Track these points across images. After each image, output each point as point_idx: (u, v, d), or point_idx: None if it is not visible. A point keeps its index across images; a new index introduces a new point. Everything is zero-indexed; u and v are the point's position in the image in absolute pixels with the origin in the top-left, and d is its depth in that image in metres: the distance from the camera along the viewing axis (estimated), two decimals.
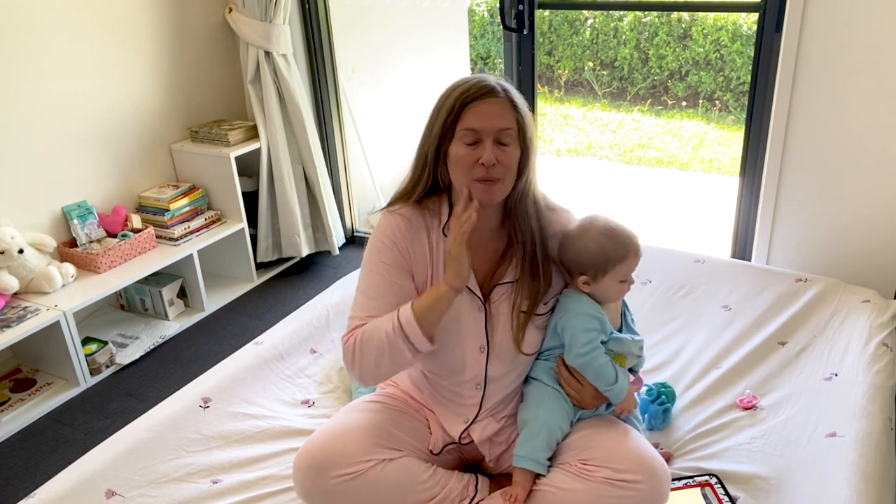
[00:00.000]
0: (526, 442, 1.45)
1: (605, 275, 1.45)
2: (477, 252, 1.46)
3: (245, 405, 1.85)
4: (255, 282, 3.21)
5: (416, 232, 1.44)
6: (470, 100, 1.33)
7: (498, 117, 1.33)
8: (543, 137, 5.93)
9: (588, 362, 1.44)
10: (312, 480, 1.37)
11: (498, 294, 1.46)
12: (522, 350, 1.46)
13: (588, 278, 1.45)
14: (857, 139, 2.29)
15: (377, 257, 1.44)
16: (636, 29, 6.17)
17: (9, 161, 2.51)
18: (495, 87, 1.35)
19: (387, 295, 1.41)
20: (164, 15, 2.92)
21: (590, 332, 1.44)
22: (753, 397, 1.79)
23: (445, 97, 1.37)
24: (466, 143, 1.34)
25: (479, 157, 1.32)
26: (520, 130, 1.36)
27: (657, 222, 4.23)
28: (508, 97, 1.36)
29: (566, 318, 1.46)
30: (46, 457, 2.21)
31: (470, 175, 1.35)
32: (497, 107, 1.34)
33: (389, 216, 1.45)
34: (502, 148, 1.34)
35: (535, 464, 1.43)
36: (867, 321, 2.00)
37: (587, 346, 1.44)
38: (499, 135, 1.33)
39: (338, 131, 3.44)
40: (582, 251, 1.44)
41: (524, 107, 1.39)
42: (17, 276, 2.48)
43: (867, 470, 1.50)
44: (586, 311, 1.45)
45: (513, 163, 1.36)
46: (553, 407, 1.47)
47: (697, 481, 1.54)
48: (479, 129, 1.33)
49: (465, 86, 1.35)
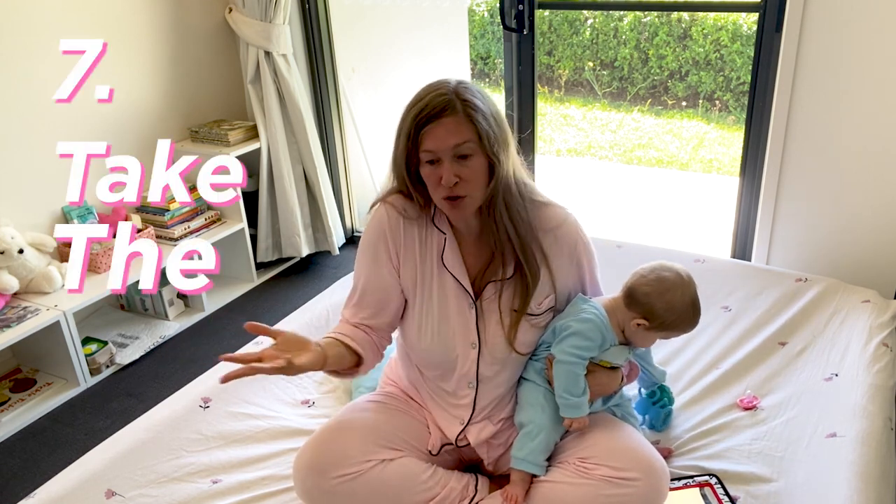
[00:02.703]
0: (524, 444, 1.45)
1: (660, 331, 1.46)
2: (468, 249, 1.46)
3: (245, 405, 1.85)
4: (255, 282, 3.21)
5: (408, 220, 1.45)
6: (423, 122, 1.30)
7: (452, 136, 1.29)
8: (543, 137, 5.93)
9: (567, 367, 1.42)
10: (313, 481, 1.37)
11: (489, 291, 1.45)
12: (516, 348, 1.45)
13: (647, 325, 1.44)
14: (857, 139, 2.29)
15: (363, 253, 1.49)
16: (636, 29, 6.17)
17: (9, 161, 2.51)
18: (448, 103, 1.29)
19: (372, 292, 1.48)
20: (164, 15, 2.92)
21: (586, 347, 1.42)
22: (754, 397, 1.79)
23: (403, 119, 1.36)
24: (428, 164, 1.33)
25: (441, 176, 1.31)
26: (480, 139, 1.31)
27: (657, 222, 4.24)
28: (465, 109, 1.30)
29: (569, 319, 1.45)
30: (46, 457, 2.21)
31: (437, 193, 1.35)
32: (451, 125, 1.29)
33: (381, 208, 1.47)
34: (463, 163, 1.31)
35: (534, 465, 1.43)
36: (867, 321, 2.00)
37: (574, 355, 1.42)
38: (456, 150, 1.30)
39: (338, 131, 3.44)
40: (668, 306, 1.43)
41: (486, 112, 1.32)
42: (17, 276, 2.48)
43: (867, 470, 1.50)
44: (595, 323, 1.43)
45: (476, 177, 1.33)
46: (549, 407, 1.46)
47: (697, 481, 1.54)
48: (435, 150, 1.31)
49: (418, 107, 1.32)
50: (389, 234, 1.45)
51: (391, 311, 1.49)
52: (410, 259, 1.46)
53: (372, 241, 1.47)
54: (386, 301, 1.48)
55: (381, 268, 1.47)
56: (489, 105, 1.35)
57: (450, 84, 1.33)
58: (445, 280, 1.45)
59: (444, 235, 1.45)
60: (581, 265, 1.49)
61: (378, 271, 1.47)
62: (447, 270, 1.45)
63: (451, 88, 1.31)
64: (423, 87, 1.36)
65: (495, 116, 1.35)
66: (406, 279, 1.47)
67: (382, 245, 1.46)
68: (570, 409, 1.42)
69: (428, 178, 1.35)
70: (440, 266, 1.45)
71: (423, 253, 1.46)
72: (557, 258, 1.45)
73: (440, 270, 1.45)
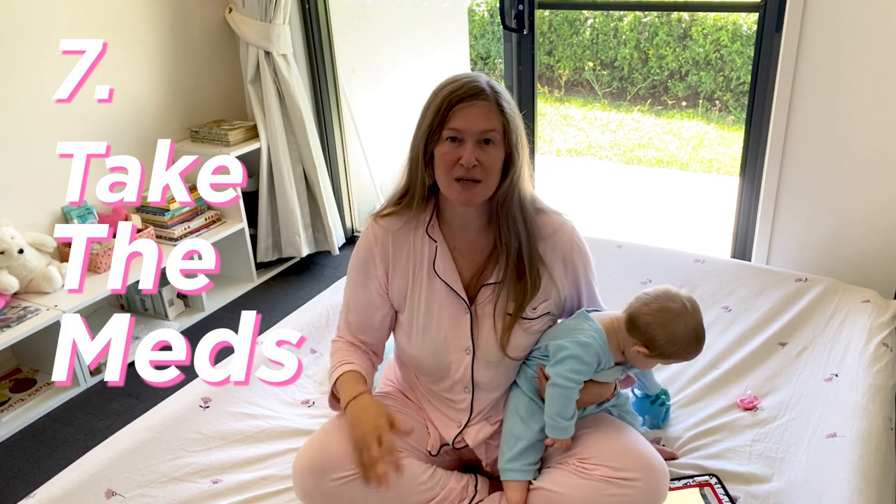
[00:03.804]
0: (504, 453, 1.45)
1: (661, 358, 1.43)
2: (463, 252, 1.46)
3: (245, 405, 1.85)
4: (255, 282, 3.21)
5: (399, 236, 1.47)
6: (457, 101, 1.32)
7: (482, 119, 1.32)
8: (543, 137, 5.93)
9: (561, 391, 1.40)
10: (312, 482, 1.37)
11: (484, 295, 1.45)
12: (508, 353, 1.45)
13: (648, 352, 1.41)
14: (857, 139, 2.29)
15: (354, 270, 1.52)
16: (636, 29, 6.17)
17: (9, 161, 2.51)
18: (484, 89, 1.34)
19: (362, 307, 1.51)
20: (164, 15, 2.92)
21: (577, 374, 1.40)
22: (754, 398, 1.79)
23: (434, 95, 1.37)
24: (450, 142, 1.34)
25: (460, 156, 1.32)
26: (505, 133, 1.35)
27: (657, 222, 4.23)
28: (497, 99, 1.34)
29: (569, 339, 1.42)
30: (46, 457, 2.21)
31: (450, 174, 1.35)
32: (483, 109, 1.33)
33: (372, 226, 1.49)
34: (485, 148, 1.33)
35: (518, 473, 1.43)
36: (867, 321, 2.00)
37: (570, 379, 1.39)
38: (482, 136, 1.33)
39: (338, 131, 3.44)
40: (671, 337, 1.39)
41: (513, 110, 1.37)
42: (17, 276, 2.48)
43: (867, 470, 1.50)
44: (593, 348, 1.41)
45: (494, 164, 1.35)
46: (529, 419, 1.45)
47: (697, 481, 1.54)
48: (462, 130, 1.32)
49: (453, 86, 1.34)
50: (377, 250, 1.47)
51: (376, 326, 1.53)
52: (401, 270, 1.47)
53: (361, 258, 1.50)
54: (371, 316, 1.51)
55: (369, 285, 1.49)
56: (515, 106, 1.39)
57: (482, 77, 1.37)
58: (437, 287, 1.46)
59: (436, 244, 1.45)
60: (576, 272, 1.49)
61: (365, 289, 1.50)
62: (439, 278, 1.45)
63: (485, 80, 1.36)
64: (453, 75, 1.39)
65: (519, 118, 1.39)
66: (397, 291, 1.48)
67: (371, 262, 1.48)
68: (557, 430, 1.41)
69: (445, 156, 1.34)
70: (431, 274, 1.46)
71: (414, 263, 1.47)
72: (553, 264, 1.46)
73: (431, 278, 1.46)
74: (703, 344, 1.44)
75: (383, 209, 1.49)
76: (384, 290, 1.49)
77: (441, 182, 1.38)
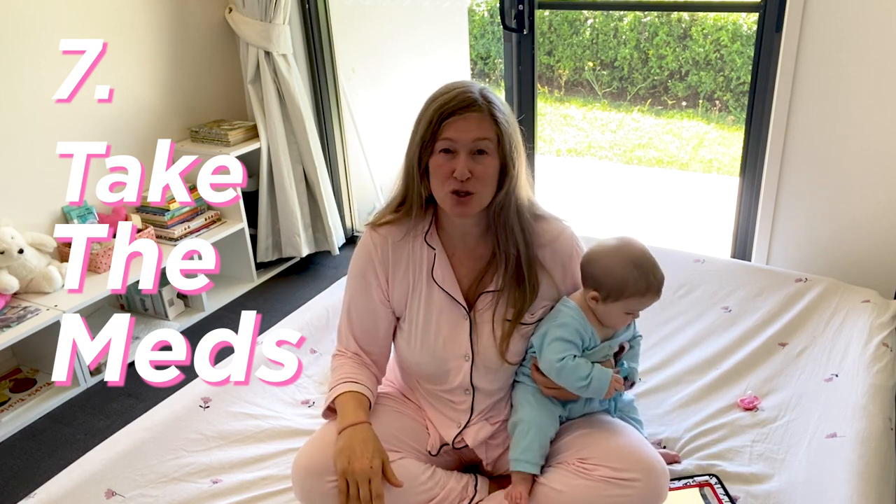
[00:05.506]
0: (517, 443, 1.45)
1: (615, 301, 1.41)
2: (462, 260, 1.46)
3: (245, 405, 1.85)
4: (255, 282, 3.21)
5: (397, 244, 1.46)
6: (448, 114, 1.31)
7: (475, 130, 1.31)
8: (543, 137, 5.93)
9: (558, 372, 1.41)
10: (311, 483, 1.37)
11: (483, 303, 1.46)
12: (507, 359, 1.45)
13: (598, 296, 1.41)
14: (857, 139, 2.29)
15: (354, 279, 1.50)
16: (636, 29, 6.17)
17: (9, 161, 2.51)
18: (476, 100, 1.32)
19: (365, 315, 1.50)
20: (164, 15, 2.92)
21: (565, 351, 1.40)
22: (754, 398, 1.79)
23: (426, 107, 1.36)
24: (443, 153, 1.33)
25: (454, 168, 1.31)
26: (499, 142, 1.33)
27: (657, 222, 4.23)
28: (489, 109, 1.32)
29: (549, 325, 1.44)
30: (46, 457, 2.21)
31: (445, 186, 1.34)
32: (475, 121, 1.31)
33: (370, 235, 1.48)
34: (478, 159, 1.32)
35: (529, 464, 1.43)
36: (867, 321, 2.00)
37: (559, 363, 1.40)
38: (475, 145, 1.31)
39: (338, 131, 3.44)
40: (606, 270, 1.40)
41: (507, 118, 1.35)
42: (17, 276, 2.48)
43: (867, 470, 1.50)
44: (571, 325, 1.42)
45: (489, 175, 1.34)
46: (537, 405, 1.46)
47: (697, 481, 1.54)
48: (455, 140, 1.31)
49: (445, 98, 1.33)
50: (377, 258, 1.47)
51: (381, 335, 1.51)
52: (401, 278, 1.47)
53: (360, 267, 1.49)
54: (375, 323, 1.50)
55: (371, 292, 1.49)
56: (509, 114, 1.37)
57: (475, 86, 1.35)
58: (436, 295, 1.46)
59: (434, 251, 1.45)
60: (575, 278, 1.49)
61: (368, 296, 1.49)
62: (437, 285, 1.45)
63: (478, 90, 1.34)
64: (445, 84, 1.37)
65: (513, 126, 1.37)
66: (397, 298, 1.49)
67: (371, 270, 1.48)
68: (595, 388, 1.39)
69: (439, 168, 1.34)
70: (430, 281, 1.46)
71: (413, 271, 1.47)
72: (553, 270, 1.47)
73: (430, 286, 1.46)
74: (654, 280, 1.40)
75: (381, 217, 1.48)
76: (386, 296, 1.49)
77: (437, 194, 1.37)
